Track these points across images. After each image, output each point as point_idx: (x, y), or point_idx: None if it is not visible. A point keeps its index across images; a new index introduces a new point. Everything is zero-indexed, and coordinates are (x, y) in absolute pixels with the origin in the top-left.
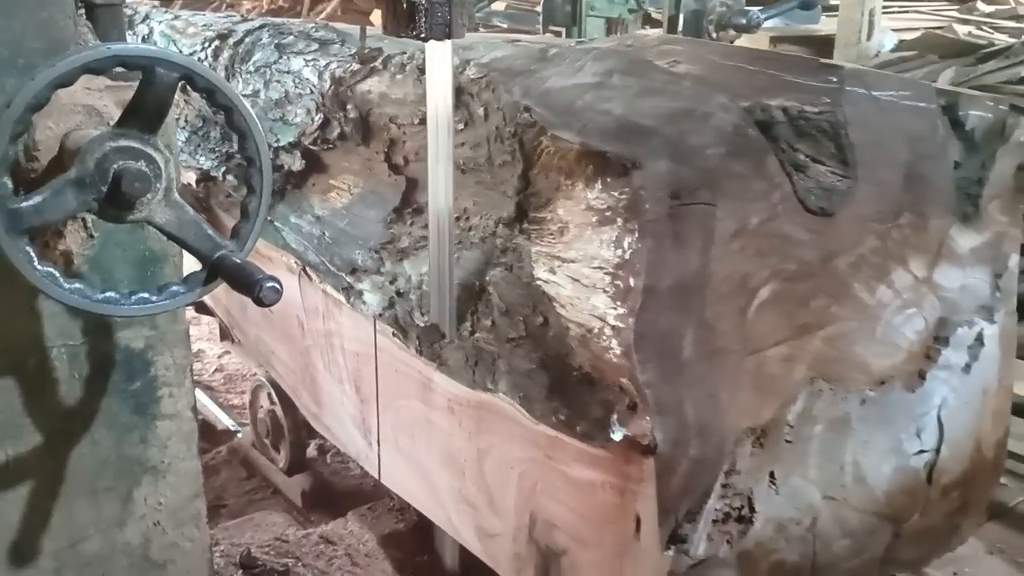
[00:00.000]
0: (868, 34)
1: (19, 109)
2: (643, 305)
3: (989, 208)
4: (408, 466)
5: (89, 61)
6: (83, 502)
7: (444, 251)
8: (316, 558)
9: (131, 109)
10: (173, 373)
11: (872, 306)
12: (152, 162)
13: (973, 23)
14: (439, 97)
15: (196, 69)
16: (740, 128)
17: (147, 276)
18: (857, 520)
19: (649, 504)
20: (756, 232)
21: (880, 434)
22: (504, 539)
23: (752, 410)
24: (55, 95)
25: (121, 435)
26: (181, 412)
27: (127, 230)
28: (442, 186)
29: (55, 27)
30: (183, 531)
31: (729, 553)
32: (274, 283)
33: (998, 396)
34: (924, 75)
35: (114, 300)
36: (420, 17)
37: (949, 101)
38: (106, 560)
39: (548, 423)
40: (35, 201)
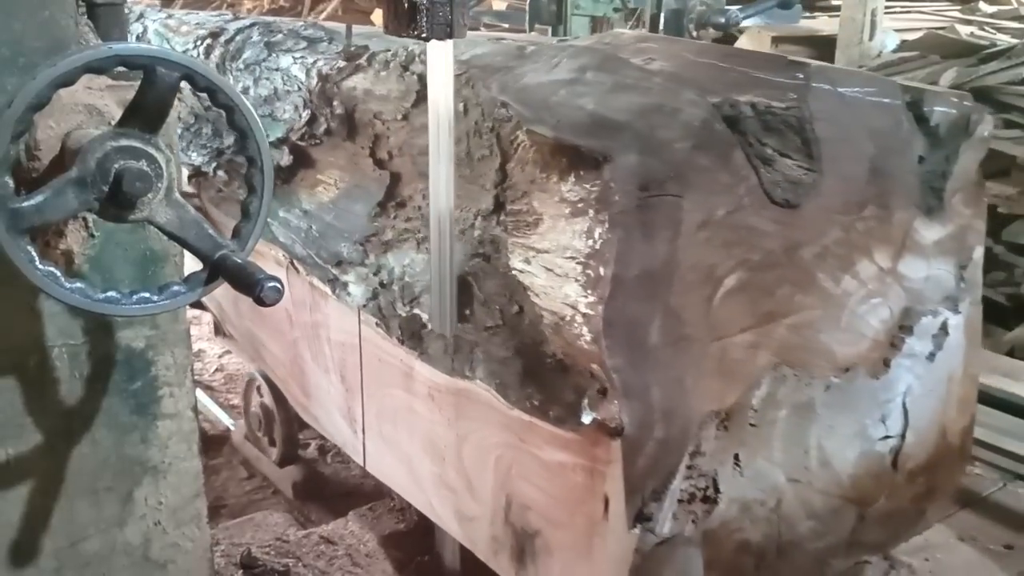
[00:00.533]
0: (870, 34)
1: (20, 108)
2: (612, 293)
3: (953, 201)
4: (391, 453)
5: (90, 60)
6: (84, 502)
7: (445, 251)
8: (316, 558)
9: (132, 109)
10: (174, 373)
11: (837, 295)
12: (153, 162)
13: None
14: (440, 97)
15: (197, 68)
16: (707, 123)
17: (148, 276)
18: (822, 502)
19: (617, 484)
20: (722, 223)
21: (845, 419)
22: (482, 522)
23: (717, 394)
24: (56, 94)
25: (122, 435)
26: (182, 412)
27: (128, 230)
28: (443, 186)
29: (56, 26)
30: (184, 531)
31: (694, 532)
32: (275, 283)
33: (963, 384)
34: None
35: (115, 300)
36: (421, 17)
37: (914, 97)
38: (106, 560)
39: (522, 408)
40: (36, 200)
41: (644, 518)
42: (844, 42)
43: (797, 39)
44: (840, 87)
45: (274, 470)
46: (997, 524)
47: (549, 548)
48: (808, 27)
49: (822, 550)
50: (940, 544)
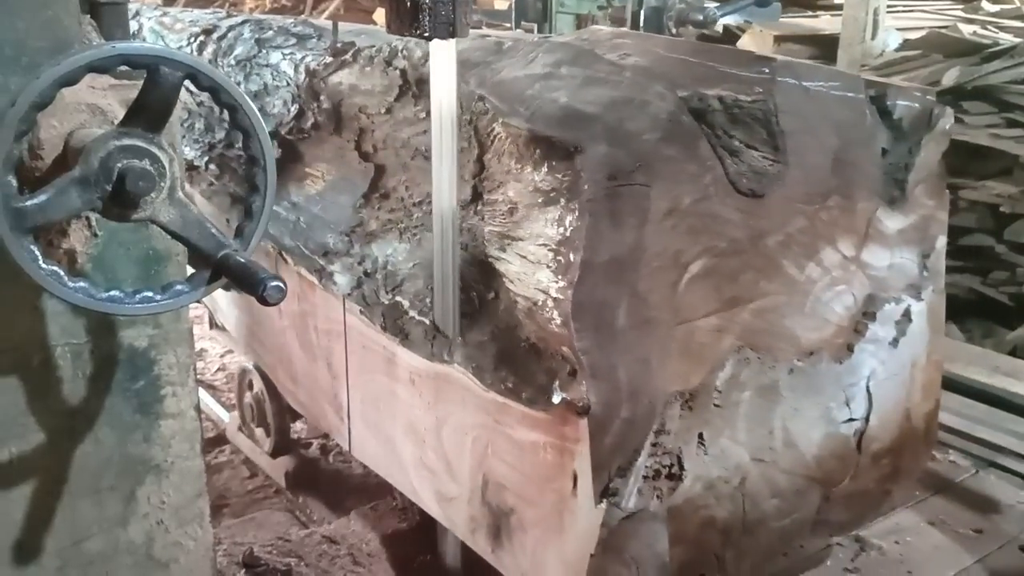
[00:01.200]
0: (872, 33)
1: (24, 108)
2: (581, 278)
3: (915, 192)
4: (375, 437)
5: (94, 60)
6: (86, 501)
7: (448, 251)
8: (319, 558)
9: (135, 108)
10: (176, 372)
11: (801, 282)
12: (156, 161)
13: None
14: (443, 96)
15: (201, 68)
16: (674, 115)
17: (151, 275)
18: (787, 482)
19: (584, 462)
20: (688, 211)
21: (809, 402)
22: (460, 502)
23: (681, 376)
24: (59, 94)
25: (124, 434)
26: (184, 411)
27: (131, 229)
28: (446, 185)
29: (59, 26)
30: (186, 530)
31: (659, 507)
32: (278, 282)
33: (927, 370)
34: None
35: (118, 299)
36: (424, 16)
37: (878, 92)
38: (109, 559)
39: (497, 390)
40: (40, 200)
41: (610, 493)
42: (847, 41)
43: (800, 38)
44: (805, 81)
45: (267, 461)
46: (968, 509)
47: (523, 525)
48: (810, 26)
49: (788, 528)
50: (910, 527)
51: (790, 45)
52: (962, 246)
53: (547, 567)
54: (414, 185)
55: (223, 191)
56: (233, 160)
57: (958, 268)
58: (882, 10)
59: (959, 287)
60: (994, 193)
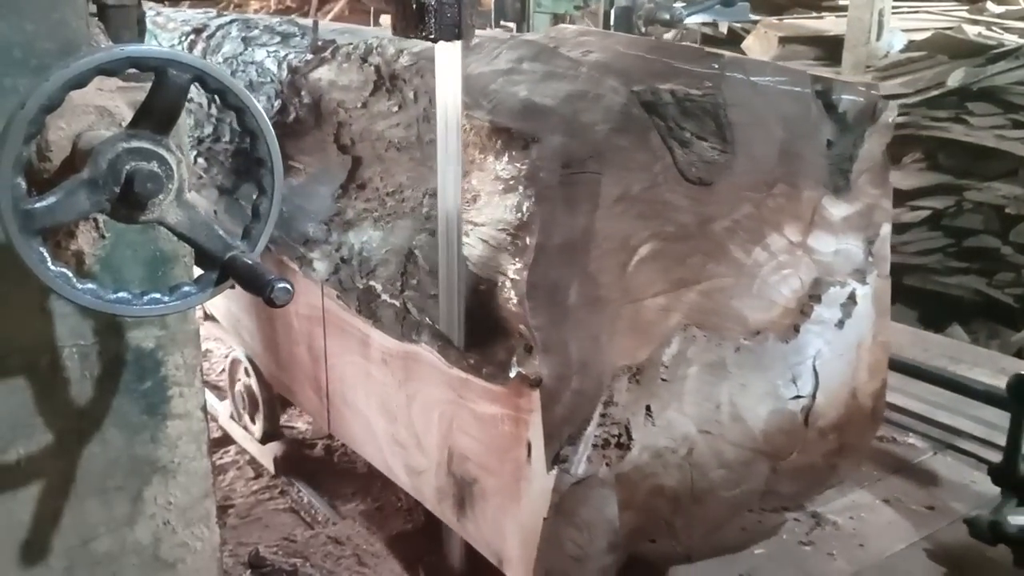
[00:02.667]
0: (877, 35)
1: (33, 110)
2: (535, 260)
3: (860, 182)
4: (352, 416)
5: (102, 62)
6: (94, 501)
7: (454, 253)
8: (324, 558)
9: (143, 110)
10: (183, 373)
11: (748, 265)
12: (164, 163)
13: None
14: (448, 98)
15: (208, 71)
16: (626, 108)
17: (158, 276)
18: (734, 453)
19: (537, 431)
20: (638, 198)
21: (756, 378)
22: (428, 474)
23: (629, 351)
24: (68, 96)
25: (131, 435)
26: (191, 412)
27: (138, 230)
28: (451, 187)
29: (68, 28)
30: (193, 530)
31: (608, 474)
32: (285, 284)
33: (873, 350)
34: (933, 75)
35: (126, 300)
36: (430, 18)
37: (824, 86)
38: (116, 559)
39: (460, 367)
40: (48, 202)
41: (561, 460)
42: (851, 42)
43: (804, 39)
44: (753, 76)
45: (257, 447)
46: (922, 488)
47: (484, 493)
48: (815, 27)
49: (737, 498)
50: (865, 505)
51: (795, 46)
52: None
53: (506, 532)
54: (388, 176)
55: (211, 184)
56: (220, 154)
57: (963, 270)
58: (887, 11)
59: (965, 289)
60: (999, 194)
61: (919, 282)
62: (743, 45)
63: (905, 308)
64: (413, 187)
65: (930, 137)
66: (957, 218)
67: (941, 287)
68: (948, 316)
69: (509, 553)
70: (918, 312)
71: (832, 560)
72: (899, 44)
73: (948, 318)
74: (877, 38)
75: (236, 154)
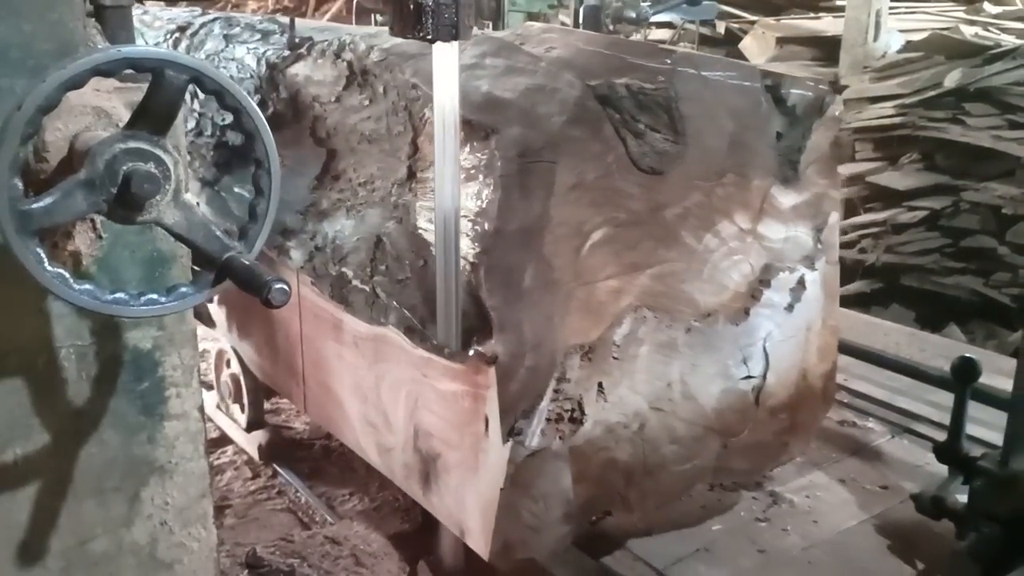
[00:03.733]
0: (875, 35)
1: (30, 111)
2: (493, 244)
3: (808, 172)
4: (326, 398)
5: (99, 63)
6: (91, 502)
7: (451, 252)
8: (322, 558)
9: (140, 111)
10: (180, 374)
11: (699, 251)
12: (161, 164)
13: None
14: (446, 98)
15: (205, 71)
16: (581, 100)
17: (155, 277)
18: (685, 430)
19: (494, 405)
20: (592, 186)
21: (707, 359)
22: (397, 452)
23: (581, 330)
24: (64, 96)
25: (129, 435)
26: (188, 412)
27: (136, 231)
28: (448, 187)
29: (65, 29)
30: (190, 531)
31: (561, 447)
32: (283, 285)
33: (823, 334)
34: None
35: (123, 301)
36: (427, 19)
37: (774, 81)
38: (113, 559)
39: (424, 347)
40: (45, 202)
41: (515, 433)
42: (849, 43)
43: (802, 40)
44: (704, 71)
45: (242, 435)
46: (878, 469)
47: (447, 467)
48: (812, 28)
49: (689, 472)
50: (822, 484)
51: (792, 46)
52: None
53: (467, 503)
54: (360, 167)
55: (193, 177)
56: (203, 147)
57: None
58: (884, 12)
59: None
60: (996, 195)
61: (916, 282)
62: (740, 45)
63: (902, 308)
64: (383, 177)
65: (927, 138)
66: (954, 218)
67: (938, 287)
68: (945, 316)
69: (470, 523)
70: (915, 312)
71: (786, 535)
72: (896, 44)
73: (945, 318)
74: (874, 38)
75: (218, 147)
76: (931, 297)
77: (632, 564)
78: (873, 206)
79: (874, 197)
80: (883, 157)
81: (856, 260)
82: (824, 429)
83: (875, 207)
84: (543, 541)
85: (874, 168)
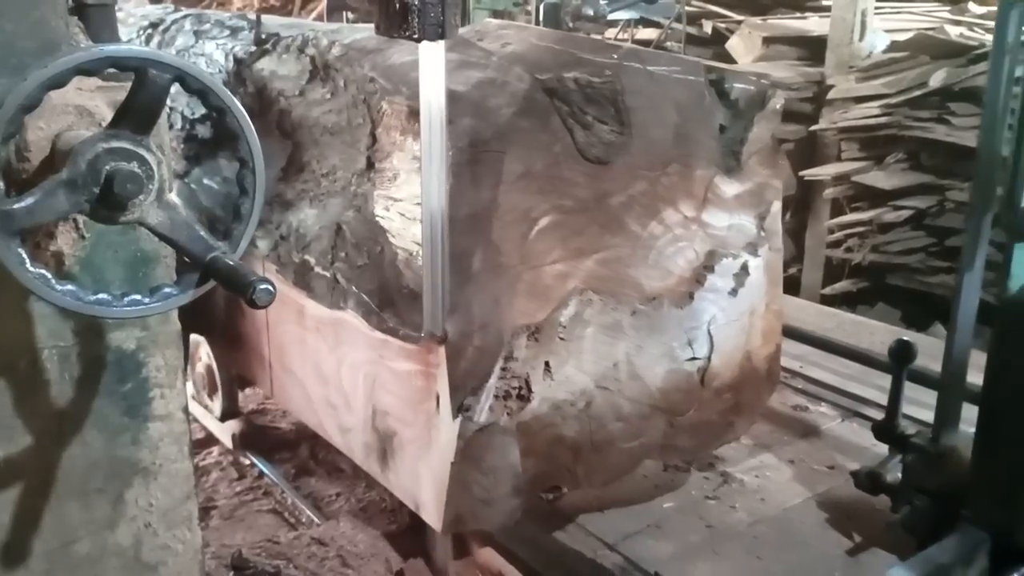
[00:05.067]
0: (860, 35)
1: (11, 110)
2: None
3: (750, 163)
4: (291, 382)
5: (82, 62)
6: (74, 504)
7: (438, 251)
8: (308, 559)
9: (123, 110)
10: (165, 374)
11: (644, 237)
12: (144, 163)
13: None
14: (432, 98)
15: (189, 70)
16: (529, 93)
17: (139, 277)
18: (631, 408)
19: (444, 383)
20: (539, 174)
21: (652, 341)
22: (356, 432)
23: (528, 312)
24: (47, 95)
25: (112, 436)
26: (173, 413)
27: (119, 231)
28: (435, 187)
29: (47, 27)
30: (175, 533)
31: (509, 423)
32: (267, 285)
33: (766, 317)
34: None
35: (106, 302)
36: (413, 17)
37: (718, 76)
38: (97, 562)
39: (381, 329)
40: (27, 202)
41: (464, 409)
42: (834, 42)
43: (788, 39)
44: (649, 66)
45: (216, 424)
46: (826, 450)
47: (403, 444)
48: (798, 27)
49: (636, 449)
50: (772, 465)
51: (778, 46)
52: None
53: (421, 479)
54: (323, 159)
55: None
56: (174, 139)
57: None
58: (870, 12)
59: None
60: None
61: (902, 281)
62: (727, 45)
63: (888, 307)
64: (344, 168)
65: (912, 137)
66: (939, 217)
67: (924, 286)
68: (931, 315)
69: (424, 497)
70: (901, 311)
71: (734, 512)
72: (882, 44)
73: (931, 317)
74: (860, 38)
75: (188, 140)
76: (917, 296)
77: (584, 539)
78: (859, 205)
79: (860, 197)
80: (869, 157)
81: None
82: (778, 414)
83: (861, 206)
84: (494, 514)
85: (860, 168)
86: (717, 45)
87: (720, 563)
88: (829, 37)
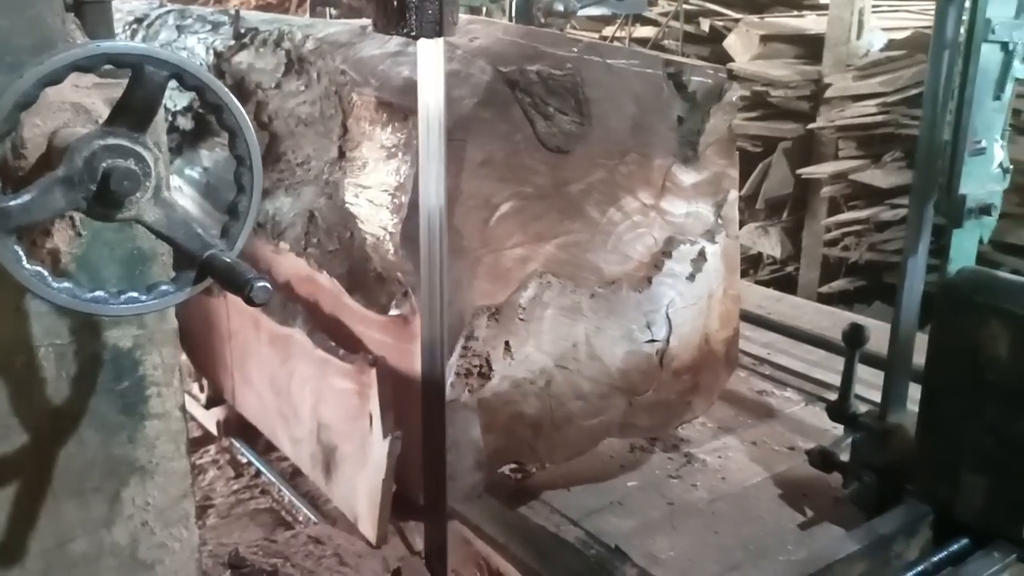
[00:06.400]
0: (858, 33)
1: (7, 107)
2: (408, 215)
3: (707, 153)
4: (249, 391)
5: (78, 59)
6: (70, 502)
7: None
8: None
9: (120, 107)
10: (161, 372)
11: (603, 223)
12: (141, 160)
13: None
14: (431, 95)
15: (186, 67)
16: (491, 84)
17: (135, 275)
18: (591, 387)
19: (375, 403)
20: (500, 162)
21: (611, 323)
22: (304, 443)
23: (488, 293)
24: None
25: (109, 435)
26: (169, 412)
27: (115, 228)
28: (433, 184)
29: (43, 24)
30: (171, 531)
31: (470, 399)
32: (265, 283)
33: (724, 302)
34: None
35: (103, 299)
36: (410, 15)
37: (676, 69)
38: (94, 561)
39: (323, 348)
40: (23, 200)
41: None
42: (832, 41)
43: (786, 38)
44: (608, 59)
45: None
46: (788, 432)
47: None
48: (796, 26)
49: (596, 427)
50: (734, 446)
51: (776, 44)
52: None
53: (358, 492)
54: (298, 148)
55: None
56: None
57: None
58: (867, 10)
59: None
60: None
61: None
62: (725, 43)
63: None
64: (317, 158)
65: (909, 136)
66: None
67: None
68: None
69: (359, 511)
70: None
71: (695, 490)
72: (879, 43)
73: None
74: (857, 37)
75: (169, 131)
76: None
77: (549, 515)
78: (856, 204)
79: (857, 195)
80: (866, 155)
81: (839, 258)
82: (743, 398)
83: (858, 205)
84: (457, 487)
85: (857, 166)
86: (715, 43)
87: (678, 537)
88: (827, 35)
